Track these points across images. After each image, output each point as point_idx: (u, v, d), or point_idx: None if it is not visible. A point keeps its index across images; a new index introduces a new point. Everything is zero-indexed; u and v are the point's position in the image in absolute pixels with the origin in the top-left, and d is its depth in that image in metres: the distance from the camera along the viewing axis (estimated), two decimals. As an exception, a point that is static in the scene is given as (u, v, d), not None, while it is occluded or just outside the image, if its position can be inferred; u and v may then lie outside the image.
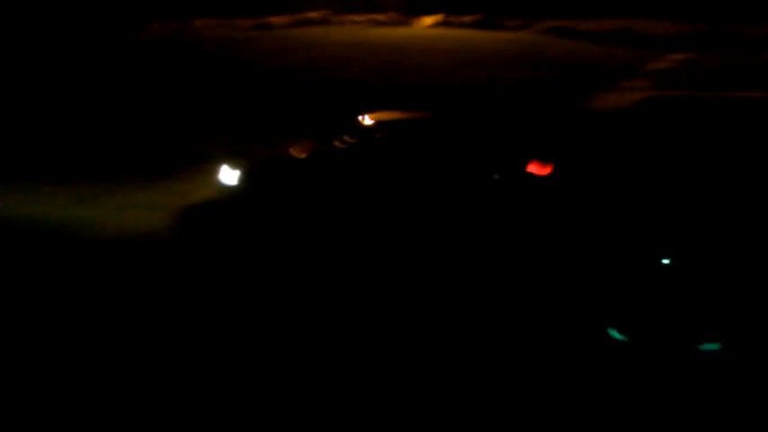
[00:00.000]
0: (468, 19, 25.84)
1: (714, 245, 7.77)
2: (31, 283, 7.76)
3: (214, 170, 9.90)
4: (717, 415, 5.67)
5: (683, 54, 20.75)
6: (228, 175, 9.54)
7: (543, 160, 9.48)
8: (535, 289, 7.60)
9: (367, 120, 9.82)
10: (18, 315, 7.09)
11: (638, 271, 7.29)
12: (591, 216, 8.81)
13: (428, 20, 25.87)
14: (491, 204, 9.11)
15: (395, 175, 9.25)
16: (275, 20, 25.04)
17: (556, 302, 7.23)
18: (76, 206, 10.12)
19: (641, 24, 23.25)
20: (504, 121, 11.61)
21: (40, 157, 12.58)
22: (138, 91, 17.73)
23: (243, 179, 9.47)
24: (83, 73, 19.51)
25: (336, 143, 9.65)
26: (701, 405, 5.78)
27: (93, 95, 17.33)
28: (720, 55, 20.54)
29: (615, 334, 6.56)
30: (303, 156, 9.72)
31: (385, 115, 10.03)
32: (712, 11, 23.14)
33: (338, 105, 16.07)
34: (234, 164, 9.60)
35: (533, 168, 9.38)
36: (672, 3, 23.74)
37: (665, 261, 7.38)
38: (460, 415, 5.61)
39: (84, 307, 7.25)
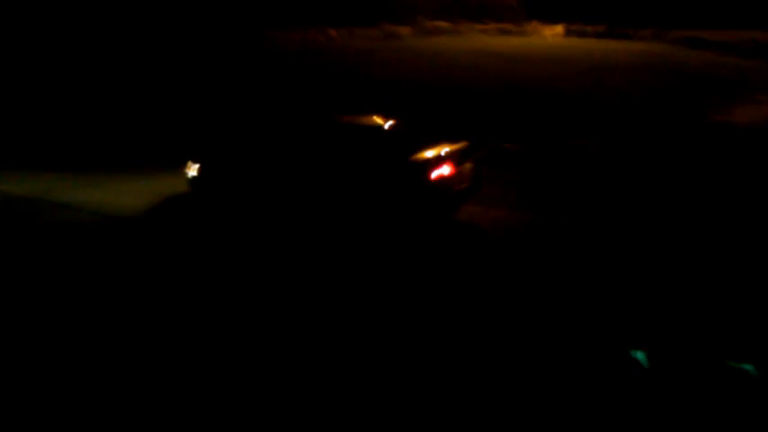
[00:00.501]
0: (592, 29, 25.56)
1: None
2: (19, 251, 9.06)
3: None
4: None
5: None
6: (191, 169, 10.46)
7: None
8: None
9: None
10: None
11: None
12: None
13: (551, 29, 25.75)
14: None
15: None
16: (400, 29, 25.40)
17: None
18: (87, 190, 11.62)
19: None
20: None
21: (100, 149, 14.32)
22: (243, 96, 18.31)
23: (198, 172, 10.37)
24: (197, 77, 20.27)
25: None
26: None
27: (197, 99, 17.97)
28: None
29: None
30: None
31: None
32: None
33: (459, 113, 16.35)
34: (195, 159, 10.50)
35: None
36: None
37: None
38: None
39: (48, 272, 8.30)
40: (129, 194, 11.18)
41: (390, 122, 10.02)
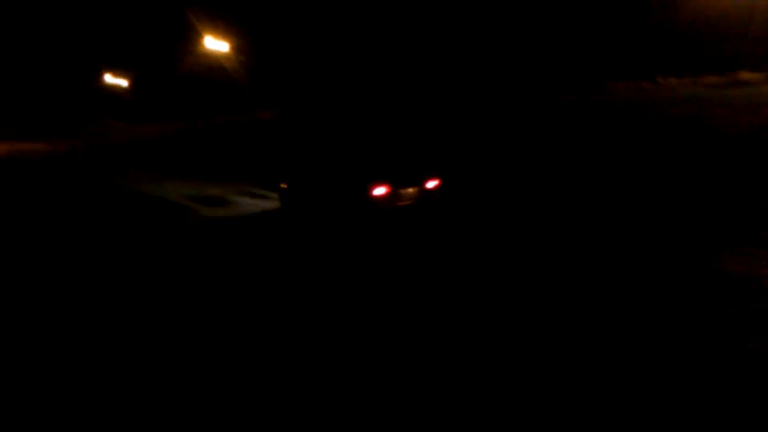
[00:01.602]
0: None
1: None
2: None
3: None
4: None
5: None
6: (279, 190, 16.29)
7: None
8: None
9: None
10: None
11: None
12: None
13: None
14: None
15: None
16: (749, 75, 22.84)
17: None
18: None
19: None
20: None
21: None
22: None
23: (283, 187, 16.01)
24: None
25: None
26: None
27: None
28: None
29: None
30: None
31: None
32: None
33: None
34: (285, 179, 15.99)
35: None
36: None
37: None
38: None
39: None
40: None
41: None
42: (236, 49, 32.13)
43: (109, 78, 40.28)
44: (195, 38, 32.18)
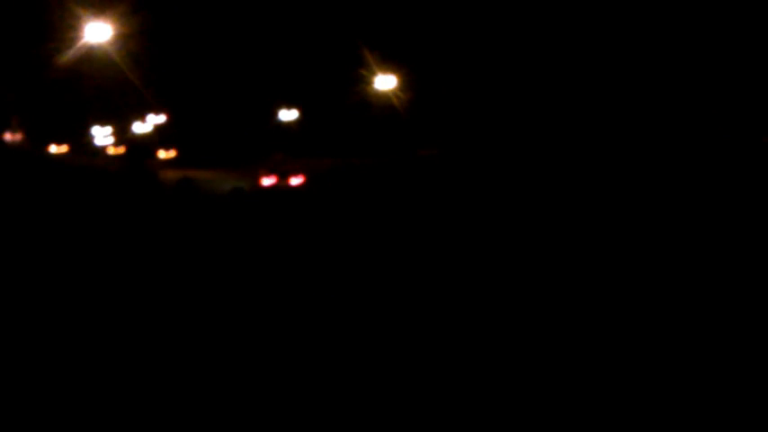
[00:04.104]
0: None
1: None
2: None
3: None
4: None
5: None
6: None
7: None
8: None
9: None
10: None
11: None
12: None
13: None
14: None
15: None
16: None
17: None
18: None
19: None
20: None
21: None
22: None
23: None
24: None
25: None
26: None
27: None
28: None
29: None
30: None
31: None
32: None
33: None
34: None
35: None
36: None
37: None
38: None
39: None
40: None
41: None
42: (404, 86, 31.69)
43: (281, 115, 41.31)
44: (363, 75, 32.05)
